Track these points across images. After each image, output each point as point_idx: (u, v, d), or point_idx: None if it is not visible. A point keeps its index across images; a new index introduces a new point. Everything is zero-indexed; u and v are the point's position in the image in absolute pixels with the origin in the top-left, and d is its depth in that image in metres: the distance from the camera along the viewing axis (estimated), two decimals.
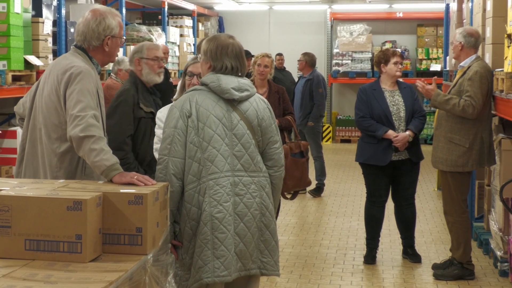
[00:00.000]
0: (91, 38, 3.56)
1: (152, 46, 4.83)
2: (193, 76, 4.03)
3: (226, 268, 3.48)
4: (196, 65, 4.06)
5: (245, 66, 3.70)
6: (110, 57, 3.69)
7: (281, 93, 6.49)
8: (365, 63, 15.80)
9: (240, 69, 3.66)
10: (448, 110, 5.57)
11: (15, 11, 6.46)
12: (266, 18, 17.27)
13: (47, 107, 3.50)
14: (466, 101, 5.47)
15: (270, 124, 3.69)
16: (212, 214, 3.48)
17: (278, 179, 3.74)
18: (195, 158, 3.51)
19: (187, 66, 4.11)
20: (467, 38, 5.71)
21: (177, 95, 4.10)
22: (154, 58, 4.68)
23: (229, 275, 3.49)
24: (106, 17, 3.57)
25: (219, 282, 3.49)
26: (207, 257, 3.47)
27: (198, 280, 3.48)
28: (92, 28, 3.55)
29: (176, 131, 3.51)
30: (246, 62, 3.74)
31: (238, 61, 3.64)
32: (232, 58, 3.63)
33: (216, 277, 3.46)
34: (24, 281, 2.41)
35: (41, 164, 3.53)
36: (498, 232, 5.86)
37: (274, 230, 3.67)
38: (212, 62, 3.64)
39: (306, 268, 6.16)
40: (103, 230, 2.80)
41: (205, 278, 3.46)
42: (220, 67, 3.63)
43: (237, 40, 3.73)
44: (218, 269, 3.46)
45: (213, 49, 3.65)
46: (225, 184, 3.51)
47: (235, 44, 3.66)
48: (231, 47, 3.64)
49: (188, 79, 4.06)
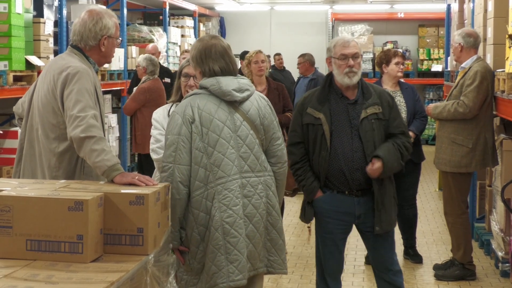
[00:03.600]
0: (87, 37, 3.56)
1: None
2: (189, 78, 3.97)
3: (241, 272, 3.45)
4: (191, 67, 4.00)
5: (233, 64, 3.62)
6: (106, 58, 3.68)
7: (281, 89, 6.48)
8: (367, 64, 15.79)
9: (228, 69, 3.58)
10: (447, 117, 5.61)
11: (16, 11, 6.46)
12: (267, 18, 17.27)
13: (44, 107, 3.50)
14: (458, 102, 5.50)
15: (272, 121, 3.67)
16: (222, 219, 3.44)
17: (282, 176, 3.72)
18: (201, 163, 3.46)
19: (182, 68, 4.02)
20: (466, 38, 5.71)
21: (173, 97, 4.05)
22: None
23: (243, 279, 3.46)
24: (103, 17, 3.57)
25: (234, 286, 3.46)
26: (221, 262, 3.43)
27: (213, 285, 3.44)
28: (89, 28, 3.55)
29: (180, 138, 3.45)
30: (233, 58, 3.65)
31: (224, 61, 3.56)
32: (216, 60, 3.55)
33: (231, 282, 3.43)
34: (25, 282, 2.41)
35: (39, 164, 3.53)
36: (500, 233, 5.86)
37: (281, 229, 3.65)
38: (200, 68, 3.59)
39: (307, 268, 6.16)
40: (104, 231, 2.80)
41: (221, 284, 3.42)
42: (208, 70, 3.56)
43: (221, 39, 3.65)
44: (233, 274, 3.43)
45: (197, 55, 3.58)
46: (233, 187, 3.48)
47: (218, 45, 3.58)
48: (214, 49, 3.56)
49: (184, 81, 3.98)
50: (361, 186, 4.12)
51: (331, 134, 4.10)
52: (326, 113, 4.11)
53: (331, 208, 4.20)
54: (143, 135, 7.64)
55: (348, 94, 4.17)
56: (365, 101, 4.13)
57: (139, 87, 7.89)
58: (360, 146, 4.07)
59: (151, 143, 3.95)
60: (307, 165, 4.22)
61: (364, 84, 4.20)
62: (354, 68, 4.11)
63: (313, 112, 4.14)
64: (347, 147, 4.09)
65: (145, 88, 7.80)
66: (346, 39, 4.20)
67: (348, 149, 4.09)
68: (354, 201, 4.15)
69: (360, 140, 4.08)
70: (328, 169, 4.12)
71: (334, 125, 4.11)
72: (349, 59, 4.10)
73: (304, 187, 4.24)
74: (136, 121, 7.90)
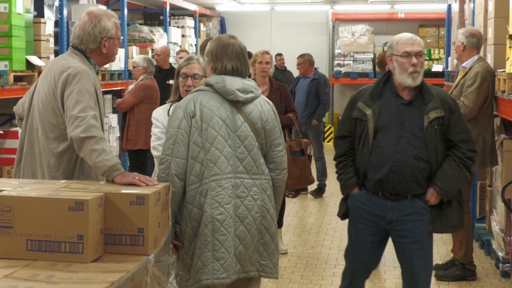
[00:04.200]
0: (87, 41, 3.56)
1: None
2: (187, 78, 3.99)
3: (226, 271, 3.48)
4: (189, 67, 3.99)
5: (247, 67, 3.68)
6: (108, 58, 3.69)
7: (283, 90, 6.48)
8: (367, 64, 15.80)
9: (240, 69, 3.63)
10: None
11: (17, 11, 6.46)
12: (268, 18, 17.27)
13: (44, 107, 3.51)
14: (458, 103, 5.49)
15: (274, 127, 3.68)
16: (213, 215, 3.48)
17: (280, 182, 3.73)
18: (198, 159, 3.50)
19: (180, 68, 4.04)
20: (469, 38, 5.71)
21: (172, 97, 4.07)
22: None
23: (228, 278, 3.49)
24: (101, 19, 3.56)
25: (218, 284, 3.49)
26: (207, 258, 3.47)
27: (198, 281, 3.48)
28: (88, 31, 3.55)
29: (179, 131, 3.50)
30: (248, 62, 3.71)
31: (238, 61, 3.62)
32: (232, 58, 3.61)
33: (215, 279, 3.46)
34: (26, 282, 2.41)
35: (39, 164, 3.54)
36: (500, 233, 5.86)
37: (274, 233, 3.67)
38: (213, 63, 3.64)
39: (307, 268, 6.16)
40: (105, 231, 2.80)
41: (204, 280, 3.46)
42: (220, 67, 3.61)
43: (239, 40, 3.70)
44: (218, 271, 3.46)
45: (214, 50, 3.64)
46: (226, 186, 3.51)
47: (236, 44, 3.64)
48: (231, 47, 3.62)
49: (182, 81, 4.01)
50: (395, 190, 3.89)
51: (376, 132, 3.90)
52: (375, 110, 3.92)
53: (362, 207, 3.99)
54: (137, 130, 7.92)
55: (403, 94, 3.95)
56: (425, 104, 3.89)
57: (139, 84, 8.09)
58: (408, 149, 3.84)
59: (152, 141, 3.98)
60: (350, 159, 4.03)
61: (424, 86, 3.95)
62: (417, 68, 3.89)
63: (363, 107, 3.95)
64: (390, 147, 3.87)
65: (146, 85, 8.04)
66: (410, 36, 3.96)
67: (390, 150, 3.87)
68: (387, 205, 3.93)
69: (409, 143, 3.86)
70: (367, 167, 3.94)
71: (380, 123, 3.90)
72: (412, 57, 3.88)
73: (342, 181, 4.07)
74: (132, 117, 8.05)
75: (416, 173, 3.86)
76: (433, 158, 3.87)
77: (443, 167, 3.89)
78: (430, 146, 3.86)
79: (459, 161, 3.90)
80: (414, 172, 3.86)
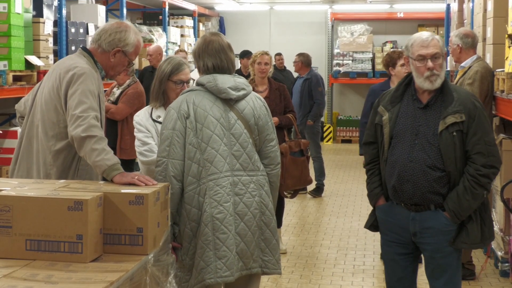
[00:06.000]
0: (104, 40, 3.57)
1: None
2: (182, 84, 3.94)
3: (229, 269, 3.48)
4: (184, 72, 3.97)
5: (230, 62, 3.64)
6: (112, 69, 3.65)
7: (282, 90, 6.48)
8: (366, 63, 15.80)
9: (221, 66, 3.61)
10: None
11: (16, 11, 6.47)
12: (267, 18, 17.27)
13: (46, 104, 3.52)
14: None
15: (267, 122, 3.68)
16: (212, 215, 3.48)
17: (275, 177, 3.73)
18: (195, 159, 3.50)
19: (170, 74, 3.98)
20: (464, 39, 5.71)
21: (155, 102, 4.04)
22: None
23: (231, 275, 3.49)
24: (128, 31, 3.59)
25: (222, 282, 3.49)
26: (209, 258, 3.47)
27: (201, 281, 3.48)
28: (110, 32, 3.57)
29: (174, 132, 3.50)
30: (231, 57, 3.65)
31: (219, 58, 3.60)
32: (211, 56, 3.60)
33: (218, 278, 3.46)
34: (25, 281, 2.41)
35: (35, 161, 3.54)
36: (499, 233, 5.86)
37: (274, 229, 3.67)
38: (197, 63, 3.66)
39: (307, 268, 6.16)
40: (104, 230, 2.80)
41: (208, 279, 3.46)
42: (202, 65, 3.62)
43: (221, 37, 3.67)
44: (221, 270, 3.46)
45: (196, 49, 3.66)
46: (225, 184, 3.51)
47: (215, 41, 3.62)
48: (211, 45, 3.61)
49: (176, 87, 3.96)
50: (413, 200, 3.61)
51: (392, 138, 3.66)
52: (392, 115, 3.66)
53: (387, 218, 3.75)
54: (132, 139, 7.24)
55: (421, 97, 3.65)
56: (444, 108, 3.57)
57: (131, 92, 7.25)
58: (420, 157, 3.55)
59: (137, 146, 3.92)
60: (376, 168, 3.77)
61: (446, 87, 3.62)
62: (435, 71, 3.57)
63: (382, 111, 3.71)
64: (403, 155, 3.60)
65: (138, 93, 7.24)
66: (425, 36, 3.62)
67: (404, 158, 3.59)
68: (409, 216, 3.65)
69: (422, 151, 3.57)
70: (385, 176, 3.70)
71: (396, 129, 3.65)
72: (427, 61, 3.56)
73: (368, 191, 3.82)
74: (126, 125, 7.42)
75: (433, 183, 3.56)
76: (451, 167, 3.54)
77: (458, 185, 3.57)
78: (446, 154, 3.53)
79: (472, 180, 3.54)
80: (430, 182, 3.56)
